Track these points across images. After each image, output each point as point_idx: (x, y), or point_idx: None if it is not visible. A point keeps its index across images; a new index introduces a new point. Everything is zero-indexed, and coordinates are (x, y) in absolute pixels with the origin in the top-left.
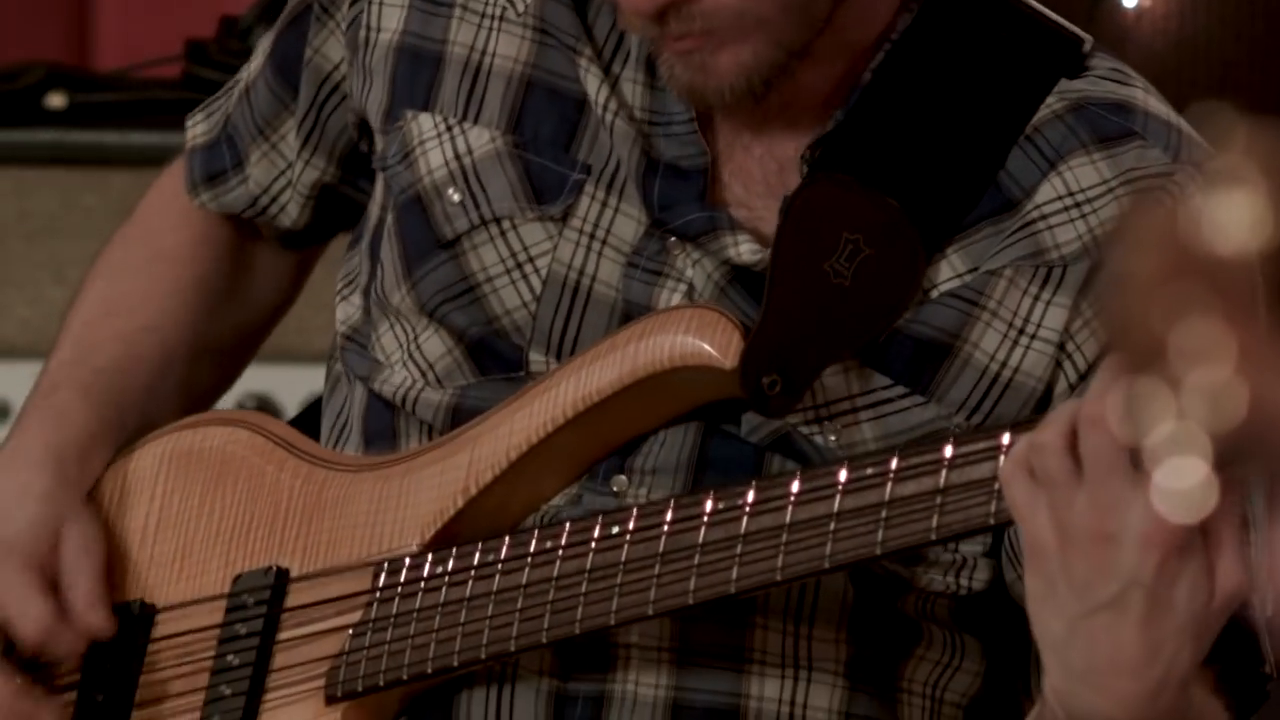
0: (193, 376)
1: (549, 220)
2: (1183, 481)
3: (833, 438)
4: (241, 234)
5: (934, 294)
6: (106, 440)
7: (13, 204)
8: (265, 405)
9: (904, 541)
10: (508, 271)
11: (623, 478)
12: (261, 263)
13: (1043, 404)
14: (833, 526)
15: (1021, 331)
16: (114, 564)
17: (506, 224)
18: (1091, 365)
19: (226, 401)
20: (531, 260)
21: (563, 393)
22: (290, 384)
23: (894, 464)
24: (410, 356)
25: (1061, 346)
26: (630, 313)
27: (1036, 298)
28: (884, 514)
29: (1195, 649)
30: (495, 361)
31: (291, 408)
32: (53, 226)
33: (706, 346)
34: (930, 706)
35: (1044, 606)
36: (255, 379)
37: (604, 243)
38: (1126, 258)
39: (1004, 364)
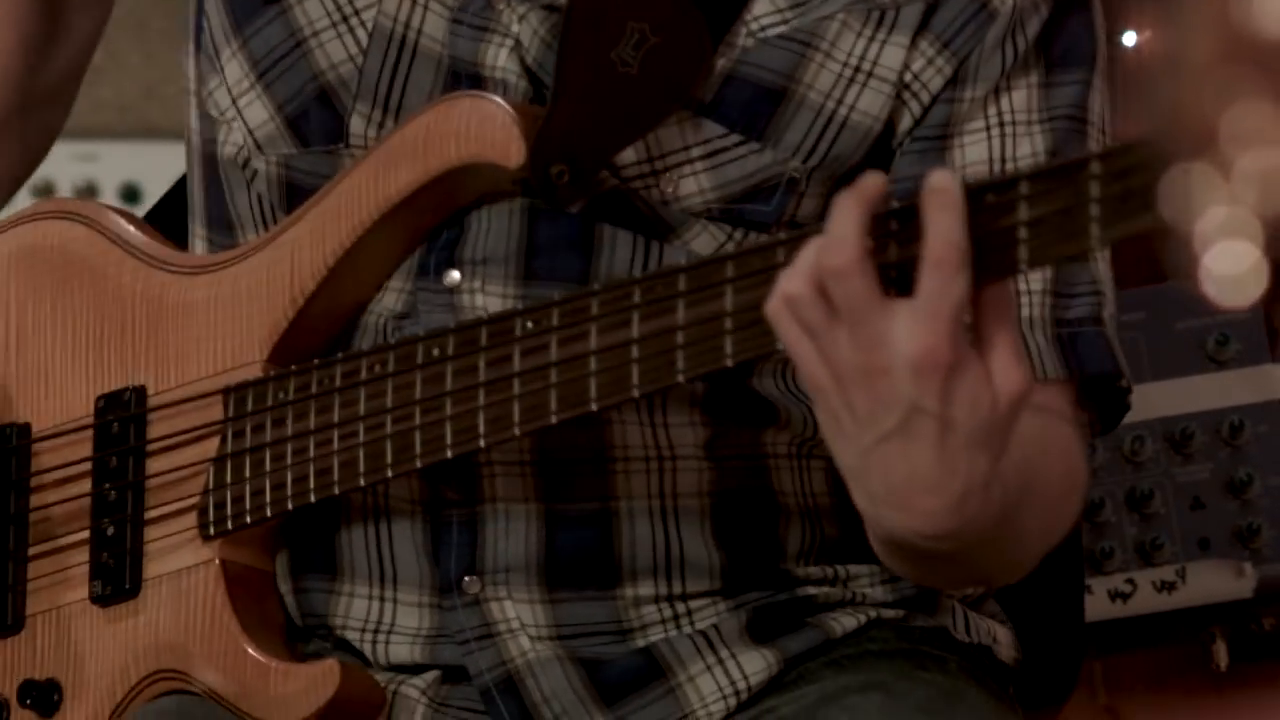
0: (28, 129)
1: None
2: (1233, 267)
3: (669, 189)
4: None
5: (762, 35)
6: None
7: None
8: (132, 192)
9: (702, 369)
10: (334, 25)
11: (455, 273)
12: (66, 9)
13: (882, 142)
14: (635, 353)
15: (858, 70)
16: None
17: None
18: (934, 98)
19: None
20: (358, 13)
21: (365, 195)
22: (160, 165)
23: (681, 284)
24: (239, 115)
25: (902, 85)
26: (456, 70)
27: (871, 39)
28: (680, 339)
29: (990, 454)
30: (317, 130)
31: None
32: None
33: (489, 143)
34: (799, 465)
35: (835, 440)
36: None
37: None
38: (1178, 42)
39: (840, 102)
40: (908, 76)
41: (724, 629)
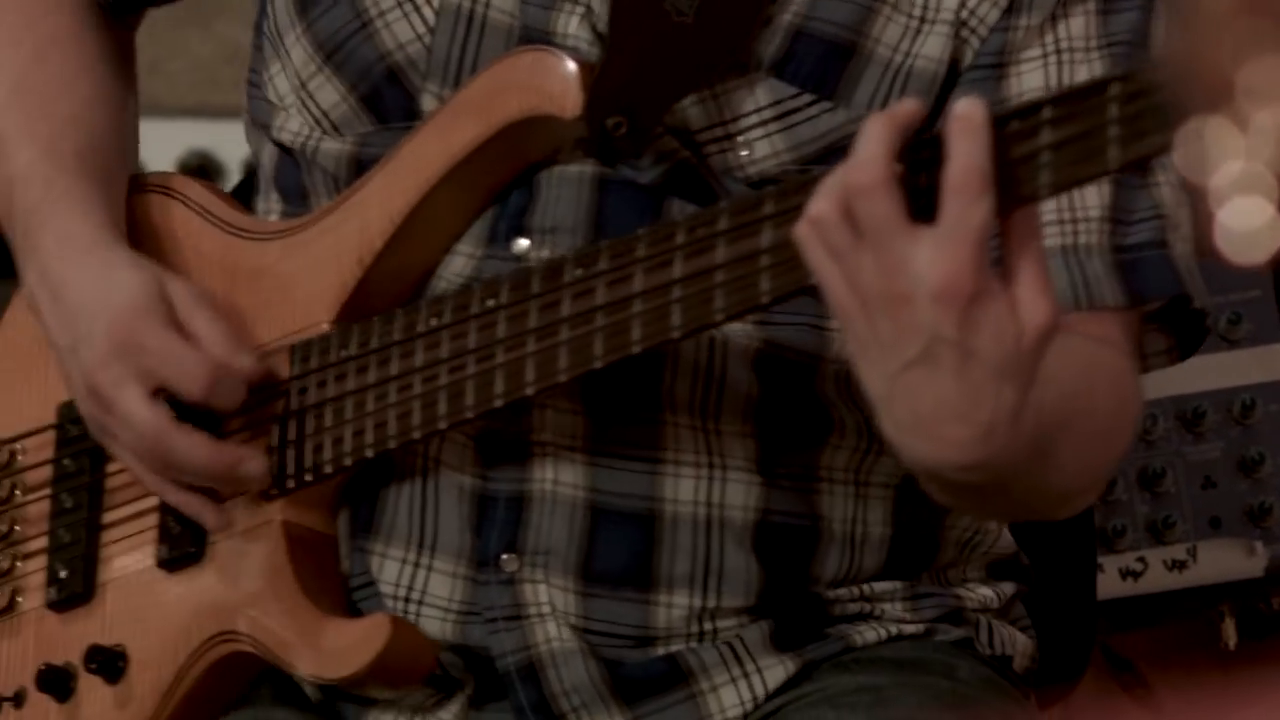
0: (132, 134)
1: None
2: (1247, 221)
3: (744, 153)
4: (94, 19)
5: None
6: (121, 216)
7: None
8: (208, 163)
9: (740, 305)
10: (399, 4)
11: (523, 240)
12: (116, 41)
13: (947, 84)
14: (677, 293)
15: (922, 20)
16: None
17: None
18: (991, 30)
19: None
20: None
21: (431, 151)
22: (162, 140)
23: (723, 223)
24: (303, 102)
25: (960, 23)
26: (528, 38)
27: None
28: (719, 278)
29: (1016, 385)
30: (393, 107)
31: (233, 165)
32: None
33: (548, 95)
34: (855, 492)
35: (862, 365)
36: (198, 135)
37: None
38: None
39: (907, 54)
40: (964, 14)
41: (748, 639)
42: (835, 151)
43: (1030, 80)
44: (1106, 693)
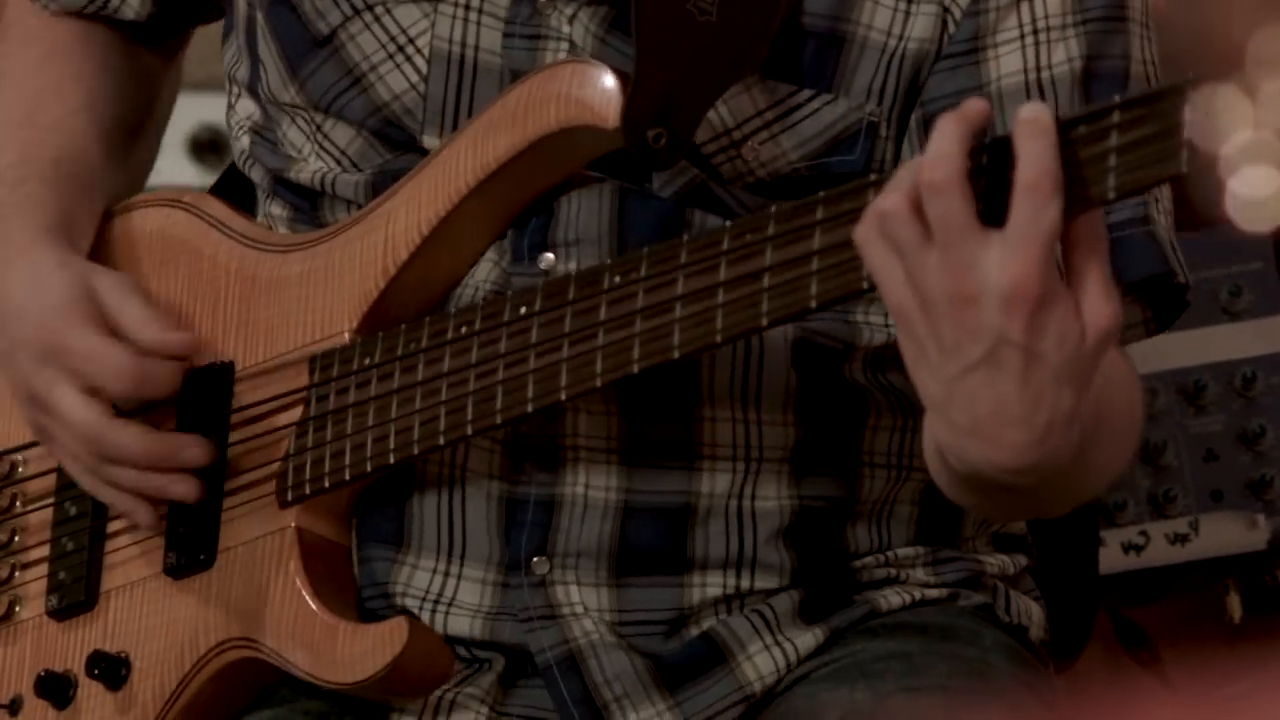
0: (126, 152)
1: None
2: (1257, 189)
3: (751, 157)
4: (109, 34)
5: None
6: (85, 222)
7: None
8: (218, 137)
9: (786, 310)
10: (390, 56)
11: (549, 255)
12: (138, 54)
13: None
14: (721, 298)
15: (910, 1)
16: None
17: (380, 9)
18: (964, 12)
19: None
20: (412, 41)
21: (463, 163)
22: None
23: (771, 229)
24: (320, 146)
25: (943, 8)
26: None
27: None
28: (766, 282)
29: (1075, 389)
30: (403, 141)
31: None
32: None
33: (588, 107)
34: (897, 476)
35: (919, 369)
36: (208, 109)
37: (480, 11)
38: None
39: (900, 37)
40: None
41: (778, 608)
42: (842, 143)
43: (1009, 63)
44: (1118, 665)
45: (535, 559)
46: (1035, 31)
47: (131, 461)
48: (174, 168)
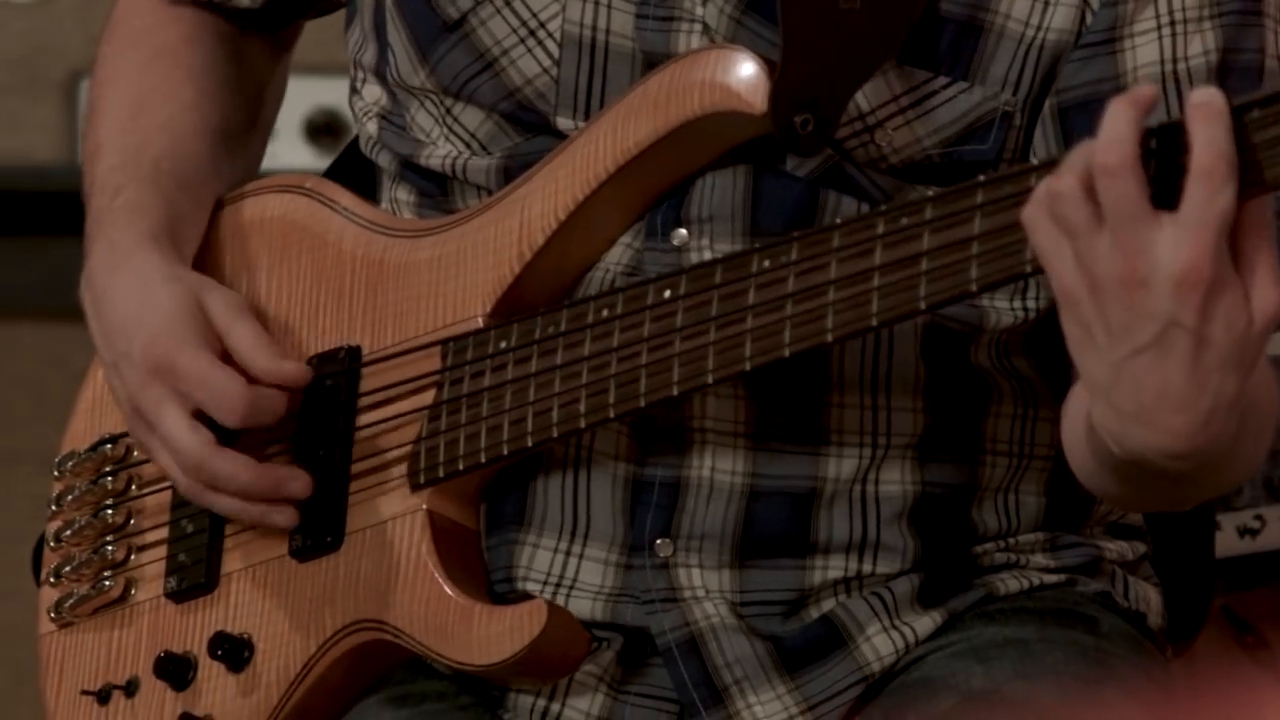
0: (235, 150)
1: None
2: None
3: (885, 143)
4: (221, 25)
5: None
6: (190, 221)
7: None
8: (334, 120)
9: (946, 293)
10: (521, 40)
11: (682, 231)
12: (248, 51)
13: None
14: (876, 282)
15: None
16: None
17: None
18: (1102, 4)
19: (294, 113)
20: (543, 25)
21: (602, 148)
22: None
23: (929, 213)
24: (450, 130)
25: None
26: (652, 63)
27: None
28: (924, 266)
29: (1239, 375)
30: (535, 124)
31: None
32: None
33: (736, 91)
34: (1017, 464)
35: (1084, 352)
36: (324, 92)
37: None
38: None
39: (1039, 27)
40: None
41: (897, 592)
42: (976, 132)
43: (1144, 54)
44: (1227, 653)
45: (659, 541)
46: (1172, 23)
47: (233, 492)
48: (290, 151)
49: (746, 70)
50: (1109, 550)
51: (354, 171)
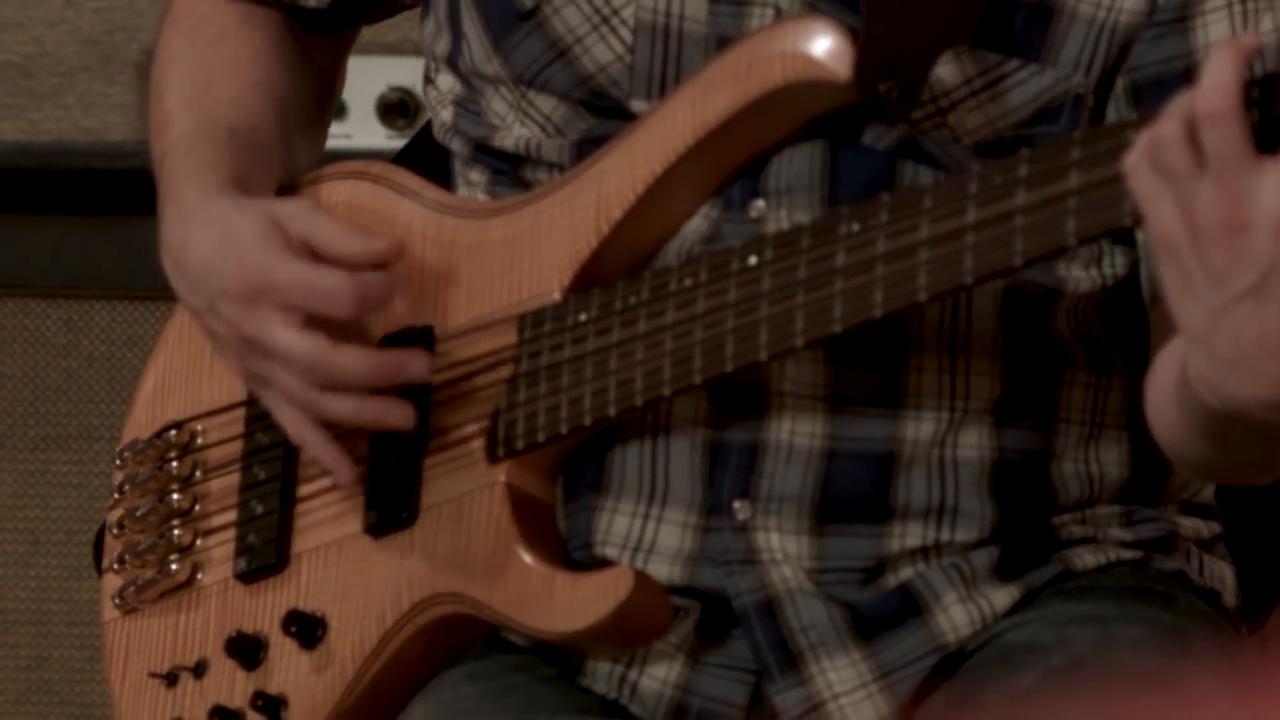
0: (299, 131)
1: None
2: None
3: (957, 125)
4: (281, 22)
5: None
6: (259, 185)
7: None
8: (408, 98)
9: (1043, 248)
10: (595, 28)
11: (760, 202)
12: (310, 44)
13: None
14: (970, 240)
15: None
16: None
17: None
18: None
19: (368, 93)
20: (616, 12)
21: (681, 121)
22: None
23: (1023, 170)
24: (525, 114)
25: None
26: (724, 47)
27: None
28: (1019, 222)
29: None
30: (608, 109)
31: None
32: None
33: (819, 60)
34: (1090, 433)
35: (1183, 299)
36: (399, 72)
37: None
38: None
39: (1110, 9)
40: None
41: (975, 564)
42: (1048, 114)
43: (1216, 31)
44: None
45: (737, 503)
46: (1243, 0)
47: (358, 382)
48: (364, 130)
49: (829, 39)
50: (1184, 527)
51: (425, 159)
